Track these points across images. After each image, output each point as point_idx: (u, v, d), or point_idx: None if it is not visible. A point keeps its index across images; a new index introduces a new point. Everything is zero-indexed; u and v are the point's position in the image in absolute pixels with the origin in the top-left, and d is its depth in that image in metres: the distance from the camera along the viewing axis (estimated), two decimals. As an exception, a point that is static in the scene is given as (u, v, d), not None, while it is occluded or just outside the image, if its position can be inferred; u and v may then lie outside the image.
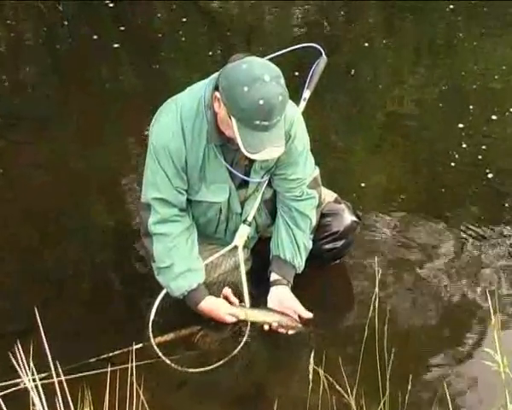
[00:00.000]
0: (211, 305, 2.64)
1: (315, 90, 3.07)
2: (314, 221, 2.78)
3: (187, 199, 2.60)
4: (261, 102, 2.20)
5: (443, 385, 2.39)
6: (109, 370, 1.94)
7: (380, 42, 5.62)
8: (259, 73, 2.22)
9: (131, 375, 1.87)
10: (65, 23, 5.69)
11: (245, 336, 2.62)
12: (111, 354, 2.48)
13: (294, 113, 2.59)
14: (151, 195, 2.55)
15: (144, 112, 4.17)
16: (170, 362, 2.51)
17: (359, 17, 6.20)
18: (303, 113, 2.84)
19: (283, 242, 2.75)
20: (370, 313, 2.09)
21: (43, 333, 1.64)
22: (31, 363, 1.63)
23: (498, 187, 3.73)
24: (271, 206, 2.81)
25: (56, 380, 1.65)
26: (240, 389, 2.55)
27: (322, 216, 2.86)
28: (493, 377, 1.86)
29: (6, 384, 2.22)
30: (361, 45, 5.48)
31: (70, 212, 3.44)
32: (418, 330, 2.81)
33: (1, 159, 3.88)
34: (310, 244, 2.80)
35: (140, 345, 2.50)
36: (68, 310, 2.83)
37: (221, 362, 2.53)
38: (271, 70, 2.26)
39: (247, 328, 2.64)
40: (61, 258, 3.13)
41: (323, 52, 3.07)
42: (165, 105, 2.57)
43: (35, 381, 1.61)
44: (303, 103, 2.99)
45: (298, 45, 3.00)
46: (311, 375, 1.97)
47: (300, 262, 2.78)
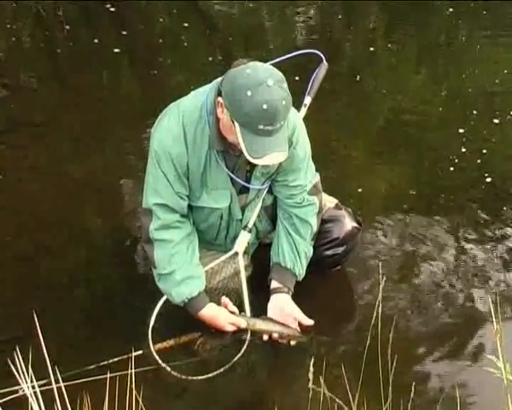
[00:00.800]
0: (211, 313, 2.63)
1: (315, 95, 3.07)
2: (315, 228, 2.78)
3: (188, 205, 2.59)
4: (265, 107, 2.19)
5: (445, 393, 2.39)
6: (108, 376, 1.92)
7: (381, 47, 5.64)
8: (263, 78, 2.22)
9: (131, 382, 1.86)
10: (65, 27, 5.69)
11: (245, 343, 2.61)
12: (110, 361, 2.47)
13: (296, 119, 2.59)
14: (152, 200, 2.54)
15: (143, 117, 4.19)
16: (170, 369, 2.50)
17: (360, 22, 6.22)
18: (304, 119, 2.83)
19: (284, 249, 2.74)
20: (373, 320, 2.08)
21: (42, 339, 1.63)
22: (30, 370, 1.62)
23: (498, 191, 3.74)
24: (272, 212, 2.80)
25: (55, 387, 1.64)
26: (240, 397, 2.54)
27: (322, 222, 2.86)
28: (496, 383, 1.85)
29: (5, 391, 2.20)
30: (361, 50, 5.49)
31: (68, 217, 3.43)
32: (420, 337, 2.80)
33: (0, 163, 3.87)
34: (310, 251, 2.79)
35: (140, 352, 2.49)
36: (67, 316, 2.82)
37: (221, 369, 2.52)
38: (275, 75, 2.26)
39: (248, 335, 2.63)
40: (60, 264, 3.12)
41: (324, 58, 3.07)
42: (167, 110, 2.57)
43: (34, 388, 1.60)
44: (304, 109, 2.99)
45: (299, 52, 3.00)
46: (311, 383, 1.95)
47: (301, 270, 2.77)
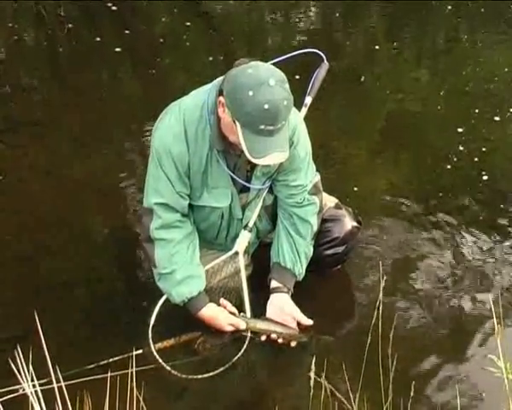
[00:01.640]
0: (211, 313, 2.63)
1: (316, 95, 3.06)
2: (315, 227, 2.77)
3: (189, 204, 2.59)
4: (266, 107, 2.19)
5: (445, 392, 2.39)
6: (109, 375, 1.92)
7: (381, 46, 5.64)
8: (265, 78, 2.21)
9: (131, 381, 1.86)
10: (66, 27, 5.68)
11: (246, 342, 2.61)
12: (111, 360, 2.47)
13: (297, 119, 2.59)
14: (153, 200, 2.54)
15: (144, 117, 4.20)
16: (170, 369, 2.50)
17: (360, 21, 6.22)
18: (304, 118, 2.83)
19: (284, 249, 2.74)
20: (374, 319, 2.08)
21: (42, 338, 1.63)
22: (30, 369, 1.62)
23: (499, 190, 3.74)
24: (272, 212, 2.80)
25: (56, 386, 1.64)
26: (240, 396, 2.54)
27: (322, 222, 2.85)
28: (497, 383, 1.86)
29: (5, 390, 2.20)
30: (362, 50, 5.49)
31: (68, 217, 3.43)
32: (420, 336, 2.80)
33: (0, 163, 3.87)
34: (310, 251, 2.79)
35: (140, 351, 2.49)
36: (68, 316, 2.81)
37: (221, 369, 2.52)
38: (276, 74, 2.26)
39: (248, 334, 2.63)
40: (60, 264, 3.12)
41: (325, 58, 3.07)
42: (168, 109, 2.57)
43: (35, 387, 1.60)
44: (304, 109, 2.99)
45: (300, 51, 3.00)
46: (313, 381, 1.96)
47: (301, 270, 2.77)
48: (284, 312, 2.68)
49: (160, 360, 2.51)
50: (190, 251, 2.61)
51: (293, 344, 2.65)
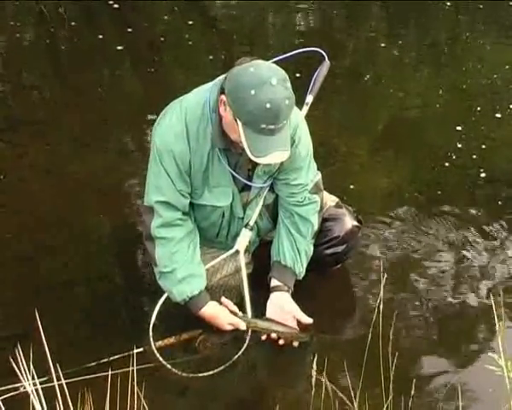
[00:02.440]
0: (212, 312, 2.63)
1: (317, 94, 3.06)
2: (316, 226, 2.77)
3: (189, 203, 2.59)
4: (268, 106, 2.19)
5: (446, 390, 2.39)
6: (110, 374, 1.92)
7: (382, 45, 5.65)
8: (267, 77, 2.21)
9: (132, 379, 1.86)
10: (70, 24, 5.67)
11: (246, 340, 2.61)
12: (111, 358, 2.47)
13: (298, 118, 2.58)
14: (154, 198, 2.54)
15: (144, 116, 4.20)
16: (171, 367, 2.50)
17: (361, 20, 6.22)
18: (305, 117, 2.83)
19: (284, 247, 2.73)
20: (374, 318, 2.08)
21: (43, 336, 1.63)
22: (31, 367, 1.62)
23: (501, 189, 3.74)
24: (273, 210, 2.80)
25: (57, 384, 1.64)
26: (241, 394, 2.54)
27: (323, 221, 2.85)
28: (497, 381, 1.85)
29: (6, 388, 2.20)
30: (363, 48, 5.49)
31: (68, 217, 3.42)
32: (421, 334, 2.80)
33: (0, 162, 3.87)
34: (311, 250, 2.79)
35: (141, 349, 2.49)
36: (68, 316, 2.81)
37: (222, 367, 2.51)
38: (278, 73, 2.25)
39: (249, 333, 2.63)
40: (60, 263, 3.11)
41: (326, 57, 3.07)
42: (169, 107, 2.56)
43: (35, 385, 1.60)
44: (305, 108, 2.98)
45: (301, 50, 3.01)
46: (314, 380, 1.95)
47: (301, 268, 2.76)
48: (284, 310, 2.68)
49: (161, 359, 2.51)
50: (191, 250, 2.61)
51: (295, 344, 2.65)
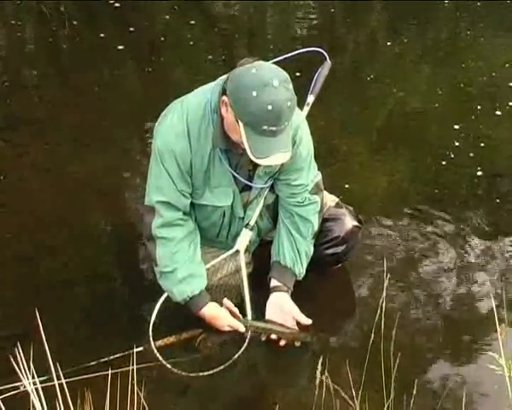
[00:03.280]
0: (212, 312, 2.63)
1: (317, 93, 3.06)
2: (316, 226, 2.77)
3: (190, 203, 2.59)
4: (269, 108, 2.19)
5: (448, 390, 2.39)
6: (110, 373, 1.92)
7: (382, 44, 5.66)
8: (268, 78, 2.21)
9: (132, 378, 1.85)
10: (67, 25, 5.67)
11: (247, 340, 2.61)
12: (111, 357, 2.47)
13: (299, 118, 2.58)
14: (155, 198, 2.54)
15: (145, 115, 4.19)
16: (170, 367, 2.50)
17: (362, 19, 6.23)
18: (305, 116, 2.83)
19: (284, 248, 2.73)
20: (377, 318, 2.07)
21: (43, 336, 1.63)
22: (31, 366, 1.61)
23: (502, 188, 3.75)
24: (273, 211, 2.80)
25: (57, 383, 1.64)
26: (241, 394, 2.53)
27: (323, 221, 2.85)
28: (498, 381, 1.85)
29: (6, 388, 2.20)
30: (364, 47, 5.49)
31: (69, 217, 3.42)
32: (422, 334, 2.79)
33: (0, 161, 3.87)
34: (311, 250, 2.79)
35: (140, 348, 2.48)
36: (68, 316, 2.80)
37: (222, 366, 2.51)
38: (280, 75, 2.25)
39: (249, 332, 2.62)
40: (60, 263, 3.11)
41: (327, 57, 3.07)
42: (170, 107, 2.56)
43: (35, 384, 1.59)
44: (306, 108, 2.98)
45: (302, 50, 3.00)
46: (315, 379, 1.95)
47: (301, 269, 2.76)
48: (284, 311, 2.68)
49: (161, 358, 2.51)
50: (192, 249, 2.61)
51: (297, 344, 2.64)
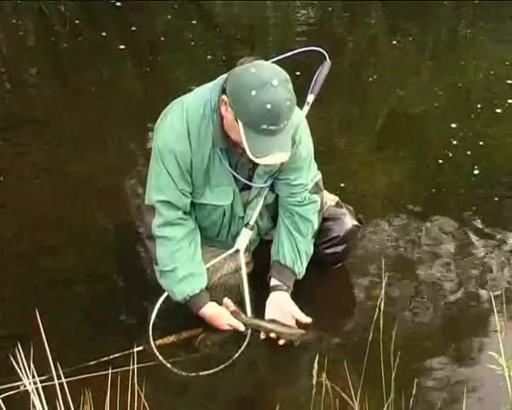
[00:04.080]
0: (212, 312, 2.63)
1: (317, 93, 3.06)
2: (316, 226, 2.77)
3: (190, 202, 2.59)
4: (269, 107, 2.19)
5: (447, 389, 2.39)
6: (110, 372, 1.92)
7: (382, 43, 5.67)
8: (268, 78, 2.21)
9: (132, 377, 1.86)
10: (68, 24, 5.67)
11: (247, 339, 2.61)
12: (112, 357, 2.47)
13: (299, 118, 2.58)
14: (155, 197, 2.54)
15: (145, 115, 4.19)
16: (171, 366, 2.50)
17: (361, 19, 6.23)
18: (306, 116, 2.83)
19: (284, 247, 2.74)
20: (375, 317, 2.08)
21: (43, 335, 1.63)
22: (31, 365, 1.62)
23: (502, 187, 3.75)
24: (273, 210, 2.80)
25: (57, 382, 1.64)
26: (241, 393, 2.53)
27: (323, 220, 2.85)
28: (498, 380, 1.85)
29: (6, 387, 2.20)
30: (363, 47, 5.49)
31: (69, 216, 3.42)
32: (422, 333, 2.79)
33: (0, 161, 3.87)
34: (311, 250, 2.79)
35: (141, 348, 2.49)
36: (68, 315, 2.80)
37: (222, 366, 2.52)
38: (280, 74, 2.25)
39: (249, 331, 2.63)
40: (60, 263, 3.11)
41: (327, 56, 3.07)
42: (170, 106, 2.56)
43: (36, 383, 1.60)
44: (306, 108, 2.98)
45: (302, 49, 3.01)
46: (315, 378, 1.95)
47: (301, 268, 2.76)
48: (283, 310, 2.68)
49: (161, 357, 2.51)
50: (192, 249, 2.61)
51: (296, 343, 2.65)
